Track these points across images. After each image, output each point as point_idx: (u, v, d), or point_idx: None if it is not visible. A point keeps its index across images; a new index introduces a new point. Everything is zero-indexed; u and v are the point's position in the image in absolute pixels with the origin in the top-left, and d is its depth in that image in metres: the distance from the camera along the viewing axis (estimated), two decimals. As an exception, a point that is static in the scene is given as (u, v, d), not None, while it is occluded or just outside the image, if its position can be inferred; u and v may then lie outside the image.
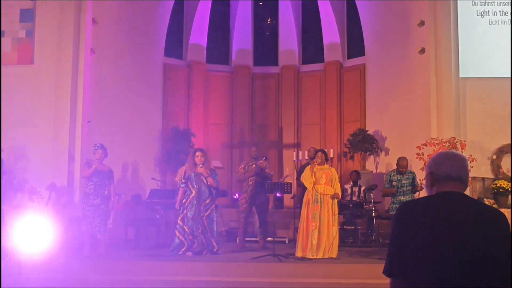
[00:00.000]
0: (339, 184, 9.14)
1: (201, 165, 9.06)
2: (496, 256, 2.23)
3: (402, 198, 9.47)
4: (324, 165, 9.08)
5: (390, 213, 9.65)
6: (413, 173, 9.77)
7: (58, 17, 10.99)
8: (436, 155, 2.58)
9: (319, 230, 8.67)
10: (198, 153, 9.21)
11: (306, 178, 8.97)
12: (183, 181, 9.12)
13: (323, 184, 8.89)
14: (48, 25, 11.01)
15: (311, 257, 8.52)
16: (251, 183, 9.98)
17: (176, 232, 8.99)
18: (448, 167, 2.47)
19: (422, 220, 2.34)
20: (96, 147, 9.32)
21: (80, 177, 10.45)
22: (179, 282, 7.46)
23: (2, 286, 7.22)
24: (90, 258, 8.59)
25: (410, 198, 9.43)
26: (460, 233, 2.27)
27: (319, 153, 9.18)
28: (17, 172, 10.38)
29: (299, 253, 8.71)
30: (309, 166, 9.32)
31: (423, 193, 9.32)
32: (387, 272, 2.44)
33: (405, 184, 9.56)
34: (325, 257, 8.55)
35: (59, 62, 10.86)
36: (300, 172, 10.61)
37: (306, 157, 12.12)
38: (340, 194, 9.22)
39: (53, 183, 10.08)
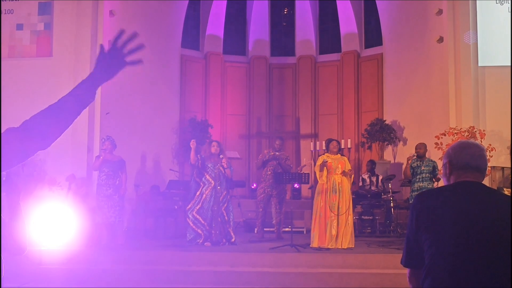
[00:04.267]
0: (350, 167, 9.20)
1: (221, 156, 9.12)
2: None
3: (421, 184, 9.38)
4: (337, 154, 9.11)
5: (410, 201, 9.59)
6: (434, 162, 9.66)
7: (76, 10, 11.07)
8: (454, 144, 2.56)
9: (338, 220, 8.67)
10: (214, 143, 9.30)
11: (316, 169, 9.03)
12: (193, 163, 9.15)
13: (339, 174, 8.90)
14: (66, 18, 11.09)
15: (330, 247, 8.53)
16: (269, 172, 9.96)
17: (190, 223, 9.01)
18: (467, 156, 2.45)
19: (440, 210, 2.33)
20: (103, 139, 9.48)
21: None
22: (198, 272, 7.51)
23: (23, 276, 7.32)
24: (109, 248, 8.67)
25: (429, 185, 9.35)
26: (478, 223, 2.26)
27: (334, 143, 9.20)
28: (37, 163, 10.49)
29: (315, 243, 8.70)
30: (321, 156, 9.35)
31: (441, 183, 9.26)
32: (404, 262, 2.45)
33: (424, 171, 9.45)
34: (344, 247, 8.55)
35: (78, 54, 10.94)
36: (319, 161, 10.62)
37: (324, 148, 12.07)
38: (352, 176, 9.25)
39: (73, 174, 10.17)
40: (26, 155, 1.94)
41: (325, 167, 8.88)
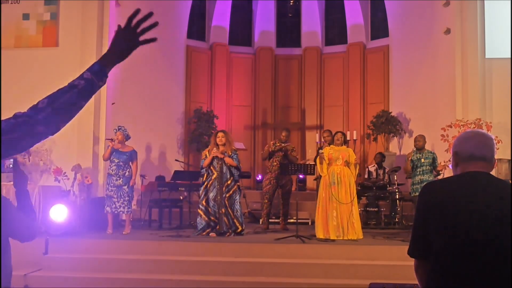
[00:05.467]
0: (355, 158, 9.17)
1: (220, 147, 9.11)
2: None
3: (422, 177, 9.38)
4: (341, 146, 9.08)
5: (412, 195, 9.59)
6: (433, 153, 9.66)
7: (82, 0, 11.04)
8: (460, 134, 2.55)
9: (338, 211, 8.67)
10: (219, 134, 9.25)
11: (317, 162, 9.03)
12: (204, 168, 9.15)
13: (339, 165, 8.88)
14: (72, 8, 11.07)
15: (335, 238, 8.54)
16: (275, 163, 9.96)
17: (200, 212, 9.05)
18: (471, 146, 2.44)
19: (446, 201, 2.32)
20: (115, 130, 9.49)
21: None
22: (203, 263, 7.52)
23: (29, 264, 7.36)
24: (115, 238, 8.70)
25: (429, 177, 9.34)
26: (484, 213, 2.25)
27: (339, 134, 9.17)
28: (43, 153, 10.52)
29: (320, 235, 8.72)
30: (326, 148, 9.33)
31: (446, 175, 9.24)
32: (411, 253, 2.44)
33: (425, 163, 9.44)
34: (350, 238, 8.55)
35: (84, 44, 10.93)
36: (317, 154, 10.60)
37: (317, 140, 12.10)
38: (358, 167, 9.23)
39: (78, 164, 10.20)
40: (36, 139, 1.93)
41: (324, 160, 8.87)
